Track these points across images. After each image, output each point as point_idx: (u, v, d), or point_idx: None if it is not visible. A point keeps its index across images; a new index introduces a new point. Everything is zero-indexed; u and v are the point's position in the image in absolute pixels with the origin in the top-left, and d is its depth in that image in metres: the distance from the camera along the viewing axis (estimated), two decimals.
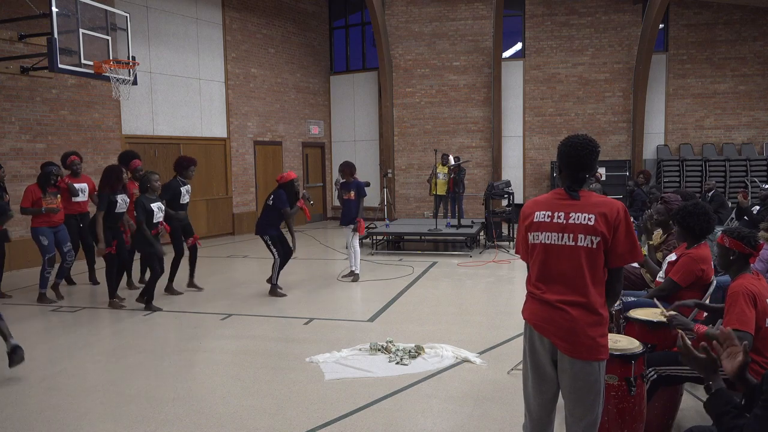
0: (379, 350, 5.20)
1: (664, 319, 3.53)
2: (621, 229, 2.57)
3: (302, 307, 7.05)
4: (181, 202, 7.59)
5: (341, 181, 8.68)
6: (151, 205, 6.75)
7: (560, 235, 2.63)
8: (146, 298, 6.90)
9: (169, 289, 7.67)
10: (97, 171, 8.42)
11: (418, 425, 3.87)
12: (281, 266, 7.55)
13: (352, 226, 8.43)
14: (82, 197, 7.87)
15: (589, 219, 2.58)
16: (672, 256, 4.33)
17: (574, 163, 2.68)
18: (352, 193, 8.42)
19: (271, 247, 7.45)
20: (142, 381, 4.70)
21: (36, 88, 9.89)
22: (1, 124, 9.46)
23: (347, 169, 8.54)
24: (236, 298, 7.50)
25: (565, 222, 2.63)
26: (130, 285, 7.94)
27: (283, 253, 7.54)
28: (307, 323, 6.31)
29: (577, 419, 2.65)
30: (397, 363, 4.93)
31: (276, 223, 7.48)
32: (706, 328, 3.30)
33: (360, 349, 5.28)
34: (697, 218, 4.14)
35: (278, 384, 4.58)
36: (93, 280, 8.26)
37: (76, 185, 7.78)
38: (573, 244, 2.60)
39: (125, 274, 7.76)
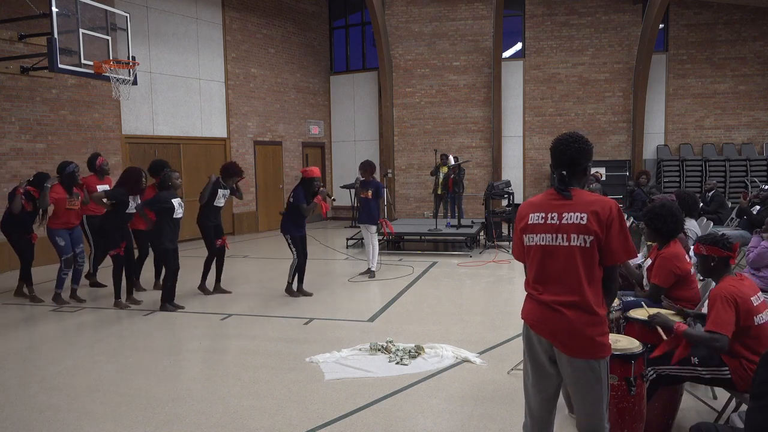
0: (379, 350, 5.20)
1: (648, 313, 3.59)
2: (614, 227, 2.56)
3: (302, 307, 7.05)
4: (215, 204, 7.60)
5: (360, 179, 8.72)
6: (172, 200, 6.73)
7: (554, 235, 2.63)
8: (165, 297, 6.89)
9: (202, 288, 7.70)
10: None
11: (418, 425, 3.87)
12: (299, 268, 7.50)
13: (372, 227, 8.54)
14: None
15: (581, 218, 2.58)
16: (647, 261, 4.36)
17: (555, 159, 2.73)
18: (369, 193, 8.51)
19: (291, 246, 7.42)
20: (142, 381, 4.70)
21: (36, 88, 9.89)
22: (1, 124, 9.46)
23: (368, 168, 8.62)
24: (236, 298, 7.50)
25: (558, 222, 2.63)
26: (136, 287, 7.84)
27: (303, 255, 7.48)
28: (307, 323, 6.31)
29: (584, 418, 2.66)
30: (397, 363, 4.93)
31: (300, 221, 7.42)
32: (686, 327, 3.36)
33: (360, 349, 5.28)
34: (663, 220, 4.18)
35: (278, 384, 4.58)
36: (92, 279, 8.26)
37: (99, 187, 7.73)
38: (567, 244, 2.60)
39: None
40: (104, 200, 6.95)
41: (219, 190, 7.61)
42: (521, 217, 2.77)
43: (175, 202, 6.76)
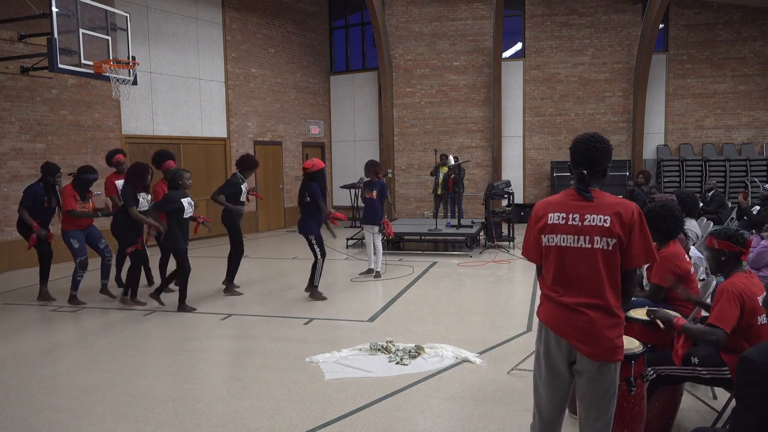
0: (379, 350, 5.20)
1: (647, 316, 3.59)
2: (636, 230, 2.54)
3: (302, 307, 7.05)
4: (241, 199, 7.53)
5: (365, 179, 8.67)
6: (182, 200, 6.64)
7: (576, 237, 2.60)
8: (180, 298, 6.85)
9: (229, 289, 7.65)
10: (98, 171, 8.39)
11: (418, 425, 3.87)
12: (321, 269, 7.36)
13: (375, 227, 8.48)
14: None
15: (604, 221, 2.56)
16: None
17: (576, 159, 2.69)
18: (374, 193, 8.44)
19: (315, 246, 7.24)
20: (142, 381, 4.70)
21: (36, 88, 9.89)
22: (1, 124, 9.46)
23: (372, 168, 8.55)
24: (236, 298, 7.50)
25: (580, 224, 2.60)
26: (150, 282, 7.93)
27: (324, 254, 7.34)
28: (307, 323, 6.31)
29: (592, 420, 2.65)
30: (397, 363, 4.93)
31: (319, 220, 7.28)
32: (684, 321, 3.36)
33: (360, 349, 5.28)
34: (664, 219, 4.20)
35: (278, 384, 4.58)
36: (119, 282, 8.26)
37: (118, 182, 7.66)
38: (589, 246, 2.57)
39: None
40: (111, 206, 6.95)
41: (241, 185, 7.52)
42: (539, 217, 2.72)
43: (185, 201, 6.67)
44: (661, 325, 3.46)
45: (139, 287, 7.31)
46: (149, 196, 7.15)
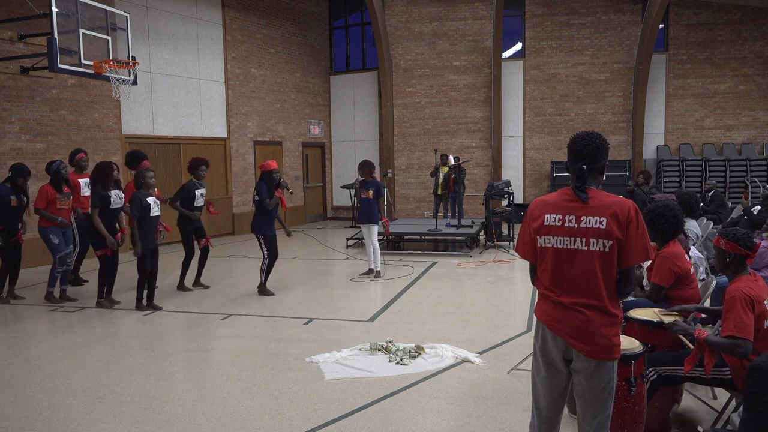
0: (379, 350, 5.20)
1: (664, 321, 3.54)
2: (632, 228, 2.53)
3: (302, 307, 7.05)
4: (195, 204, 7.70)
5: (360, 179, 8.75)
6: (147, 199, 6.68)
7: (572, 239, 2.59)
8: (137, 297, 6.85)
9: (181, 287, 7.82)
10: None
11: (418, 425, 3.87)
12: (269, 267, 7.56)
13: (374, 226, 8.54)
14: (87, 191, 7.87)
15: (600, 222, 2.54)
16: (647, 262, 4.35)
17: (574, 155, 2.68)
18: (370, 192, 8.52)
19: (263, 246, 7.44)
20: (142, 381, 4.70)
21: (36, 88, 9.89)
22: (1, 124, 9.46)
23: (365, 168, 8.62)
24: (236, 298, 7.50)
25: (576, 226, 2.58)
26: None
27: (274, 254, 7.50)
28: (307, 323, 6.31)
29: (590, 418, 2.65)
30: (397, 363, 4.93)
31: (270, 219, 7.44)
32: (707, 333, 3.30)
33: (360, 349, 5.28)
34: (665, 220, 4.21)
35: (278, 384, 4.58)
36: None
37: (81, 180, 7.81)
38: (586, 248, 2.56)
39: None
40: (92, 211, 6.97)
41: (195, 190, 7.70)
42: (534, 217, 2.71)
43: (150, 200, 6.71)
44: (688, 343, 3.35)
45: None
46: (122, 192, 7.17)
